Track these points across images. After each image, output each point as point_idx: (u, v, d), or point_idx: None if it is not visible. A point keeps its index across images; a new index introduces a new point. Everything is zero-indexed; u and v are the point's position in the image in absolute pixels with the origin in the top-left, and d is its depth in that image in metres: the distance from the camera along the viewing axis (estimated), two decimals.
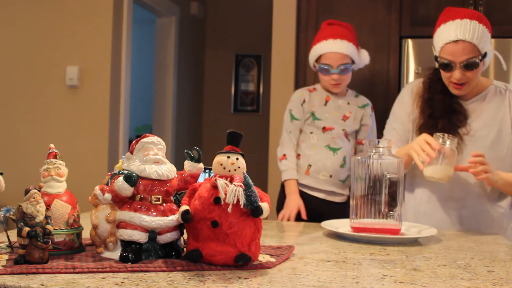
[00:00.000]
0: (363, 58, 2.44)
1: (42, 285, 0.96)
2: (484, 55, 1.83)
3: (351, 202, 1.63)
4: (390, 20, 3.27)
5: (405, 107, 2.05)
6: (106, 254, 1.17)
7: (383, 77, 3.30)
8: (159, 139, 1.22)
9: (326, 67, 2.32)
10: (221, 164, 1.14)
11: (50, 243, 1.10)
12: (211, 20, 5.44)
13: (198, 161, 1.24)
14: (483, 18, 1.85)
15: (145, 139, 1.20)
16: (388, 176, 1.59)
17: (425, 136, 1.79)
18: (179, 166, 1.24)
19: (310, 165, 2.37)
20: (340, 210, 2.37)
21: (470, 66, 1.81)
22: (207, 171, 1.57)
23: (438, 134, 1.78)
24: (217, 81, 5.41)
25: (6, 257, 1.14)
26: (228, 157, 1.14)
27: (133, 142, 1.22)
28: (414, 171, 1.99)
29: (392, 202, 1.61)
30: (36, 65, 3.64)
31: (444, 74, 1.89)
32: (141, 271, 1.08)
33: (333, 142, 2.37)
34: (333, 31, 2.37)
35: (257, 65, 5.34)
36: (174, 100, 4.63)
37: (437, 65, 1.92)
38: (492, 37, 2.99)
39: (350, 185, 1.65)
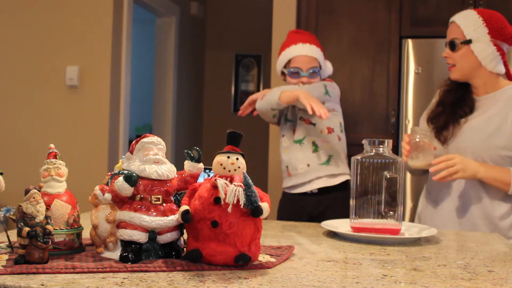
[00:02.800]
0: (328, 67, 2.46)
1: (42, 285, 0.96)
2: (468, 41, 1.96)
3: (351, 202, 1.63)
4: (390, 20, 3.28)
5: (431, 104, 2.18)
6: (106, 254, 1.17)
7: (383, 77, 3.30)
8: (159, 139, 1.22)
9: (296, 71, 2.34)
10: (221, 164, 1.14)
11: (50, 243, 1.10)
12: (211, 20, 5.44)
13: (198, 161, 1.24)
14: (488, 14, 1.98)
15: (145, 139, 1.20)
16: (388, 176, 1.59)
17: (406, 134, 1.99)
18: (179, 166, 1.24)
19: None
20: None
21: (450, 45, 2.01)
22: (207, 171, 1.57)
23: (412, 128, 1.99)
24: (217, 81, 5.41)
25: (6, 257, 1.14)
26: (228, 157, 1.14)
27: (133, 142, 1.22)
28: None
29: (392, 202, 1.61)
30: (36, 65, 3.64)
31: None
32: (141, 271, 1.08)
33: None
34: (302, 36, 2.41)
35: (257, 65, 5.34)
36: (174, 100, 4.63)
37: None
38: None
39: (350, 184, 1.65)
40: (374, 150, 1.63)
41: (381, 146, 1.63)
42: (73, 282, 0.99)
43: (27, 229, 1.08)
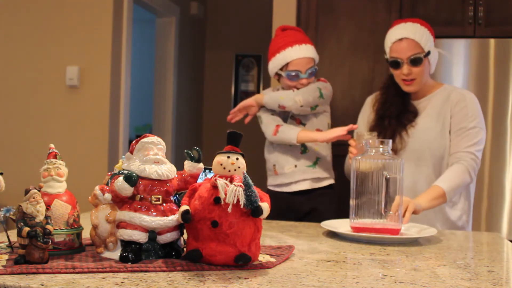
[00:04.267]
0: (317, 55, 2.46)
1: (42, 285, 0.96)
2: (428, 53, 2.04)
3: (351, 202, 1.63)
4: (390, 20, 3.27)
5: (364, 116, 2.28)
6: (106, 254, 1.18)
7: (383, 77, 3.30)
8: (159, 139, 1.22)
9: (294, 73, 2.32)
10: (221, 164, 1.14)
11: (50, 243, 1.10)
12: (211, 20, 5.44)
13: (198, 161, 1.24)
14: (426, 23, 2.10)
15: (145, 139, 1.21)
16: (388, 176, 1.59)
17: (352, 139, 2.00)
18: (179, 166, 1.24)
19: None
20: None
21: (415, 61, 2.03)
22: (207, 171, 1.57)
23: (358, 132, 1.99)
24: (217, 81, 5.41)
25: (6, 257, 1.15)
26: (228, 157, 1.14)
27: (133, 142, 1.22)
28: None
29: (392, 202, 1.61)
30: (36, 65, 3.64)
31: (395, 73, 2.11)
32: (141, 271, 1.08)
33: None
34: (294, 37, 2.38)
35: (257, 65, 5.34)
36: (174, 100, 4.63)
37: (390, 67, 2.14)
38: (492, 37, 2.99)
39: (350, 184, 1.65)
40: (374, 150, 1.63)
41: (381, 146, 1.63)
42: (73, 282, 0.99)
43: (27, 229, 1.08)
